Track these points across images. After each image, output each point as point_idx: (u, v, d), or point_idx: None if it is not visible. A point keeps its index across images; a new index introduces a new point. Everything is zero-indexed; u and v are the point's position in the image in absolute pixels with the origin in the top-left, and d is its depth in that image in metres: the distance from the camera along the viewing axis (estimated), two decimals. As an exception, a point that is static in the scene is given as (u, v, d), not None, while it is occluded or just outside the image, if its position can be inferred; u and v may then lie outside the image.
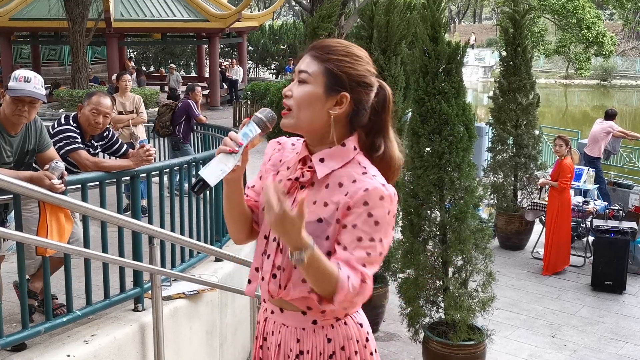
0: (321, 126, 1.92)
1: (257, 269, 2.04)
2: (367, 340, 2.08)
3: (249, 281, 2.08)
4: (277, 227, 1.72)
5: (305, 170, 1.96)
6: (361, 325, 2.07)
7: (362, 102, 1.92)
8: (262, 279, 2.01)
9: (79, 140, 4.33)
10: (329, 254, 1.88)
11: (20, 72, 3.71)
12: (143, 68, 31.47)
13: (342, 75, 1.89)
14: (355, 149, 1.95)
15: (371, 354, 2.09)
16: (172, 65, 24.13)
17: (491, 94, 9.62)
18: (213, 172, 1.85)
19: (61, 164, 3.56)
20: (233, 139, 1.87)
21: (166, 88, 23.49)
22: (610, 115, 11.14)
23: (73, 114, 4.53)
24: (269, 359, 2.11)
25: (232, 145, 1.86)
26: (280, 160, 2.08)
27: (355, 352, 2.04)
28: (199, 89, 9.29)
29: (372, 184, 1.87)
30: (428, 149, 5.35)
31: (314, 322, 2.00)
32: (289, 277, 1.95)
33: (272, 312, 2.07)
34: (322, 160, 1.94)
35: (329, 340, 2.01)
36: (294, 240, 1.73)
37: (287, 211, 1.69)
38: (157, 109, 10.58)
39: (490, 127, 9.82)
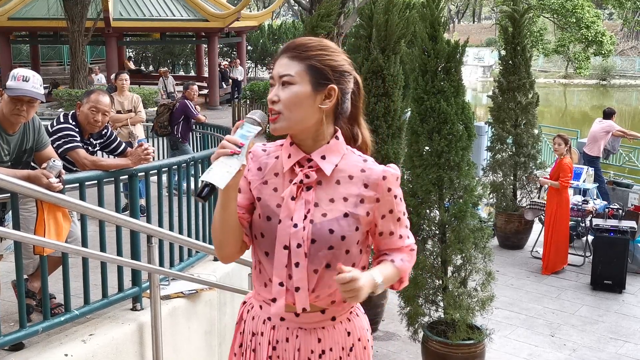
0: (314, 123, 1.92)
1: (281, 284, 1.95)
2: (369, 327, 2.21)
3: (274, 300, 1.97)
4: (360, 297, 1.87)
5: (308, 170, 1.94)
6: (365, 314, 2.19)
7: (347, 91, 1.97)
8: (298, 289, 1.93)
9: (78, 138, 4.32)
10: (357, 242, 1.97)
11: (19, 72, 3.70)
12: (142, 68, 31.45)
13: (325, 69, 1.90)
14: (344, 141, 2.01)
15: (368, 340, 2.19)
16: (165, 68, 23.79)
17: (490, 93, 9.62)
18: (219, 175, 1.80)
19: (59, 163, 3.55)
20: (231, 141, 1.84)
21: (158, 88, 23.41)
22: (608, 114, 11.14)
23: (72, 112, 4.51)
24: None
25: (232, 147, 1.82)
26: (260, 169, 2.03)
27: (368, 340, 2.14)
28: (195, 87, 9.24)
29: (383, 170, 1.98)
30: (427, 147, 5.34)
31: (333, 319, 2.02)
32: (320, 278, 1.95)
33: (283, 319, 2.01)
34: (323, 157, 1.94)
35: (349, 334, 2.06)
36: (371, 291, 1.92)
37: (359, 284, 1.84)
38: (155, 109, 10.58)
39: (490, 126, 9.81)
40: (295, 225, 1.91)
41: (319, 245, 1.91)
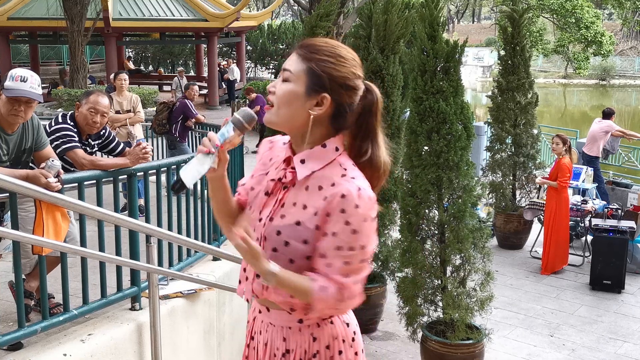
0: (301, 125, 1.90)
1: (245, 269, 2.07)
2: (353, 340, 2.06)
3: (239, 282, 2.11)
4: (247, 261, 1.85)
5: (288, 170, 1.96)
6: (348, 324, 2.06)
7: (344, 104, 1.89)
8: (247, 278, 2.04)
9: (76, 138, 4.31)
10: (308, 258, 1.89)
11: (17, 72, 3.69)
12: (142, 67, 31.44)
13: (323, 76, 1.86)
14: (337, 149, 1.92)
15: (356, 353, 2.07)
16: (181, 68, 23.84)
17: (490, 93, 9.61)
18: (190, 173, 1.87)
19: (57, 163, 3.55)
20: (211, 140, 1.88)
21: (165, 87, 23.44)
22: (607, 114, 11.15)
23: (70, 112, 4.51)
24: (255, 358, 2.11)
25: (209, 146, 1.87)
26: (271, 159, 2.08)
27: (340, 352, 2.02)
28: (196, 87, 9.28)
29: (348, 189, 1.83)
30: (426, 147, 5.34)
31: (300, 321, 2.00)
32: None
33: (260, 312, 2.08)
34: (302, 161, 1.93)
35: (315, 339, 2.00)
36: (261, 270, 1.84)
37: (252, 247, 1.80)
38: (154, 109, 10.58)
39: (489, 126, 9.81)
40: (260, 220, 1.97)
41: (267, 244, 1.94)
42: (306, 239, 1.88)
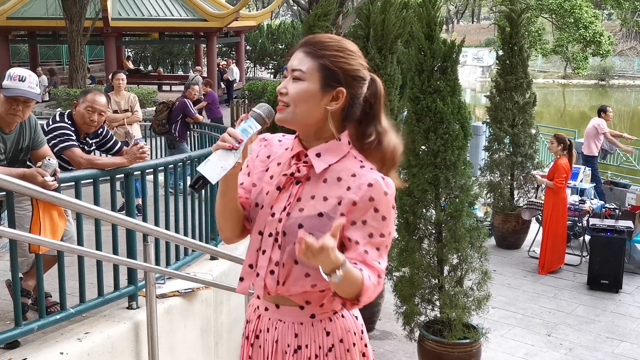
0: (316, 121, 1.93)
1: (250, 266, 2.02)
2: (362, 332, 2.10)
3: (241, 279, 2.05)
4: (315, 261, 1.72)
5: (301, 165, 1.97)
6: (357, 317, 2.10)
7: (357, 95, 1.93)
8: (257, 275, 1.99)
9: (74, 137, 4.32)
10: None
11: (15, 71, 3.70)
12: (141, 67, 31.43)
13: (337, 71, 1.89)
14: (349, 143, 1.96)
15: (365, 345, 2.11)
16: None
17: (488, 93, 9.63)
18: (214, 170, 1.83)
19: (54, 161, 3.55)
20: (232, 135, 1.85)
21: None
22: (598, 111, 11.21)
23: (68, 111, 4.52)
24: (263, 357, 2.08)
25: (231, 141, 1.85)
26: (269, 157, 2.07)
27: (354, 344, 2.05)
28: (196, 87, 9.31)
29: (374, 178, 1.88)
30: (423, 147, 5.35)
31: (312, 316, 2.01)
32: (289, 273, 1.94)
33: (267, 309, 2.06)
34: (318, 155, 1.95)
35: (328, 334, 2.01)
36: (331, 264, 1.73)
37: (324, 243, 1.69)
38: (154, 108, 10.60)
39: (487, 126, 9.82)
40: (273, 215, 1.96)
41: (288, 238, 1.93)
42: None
